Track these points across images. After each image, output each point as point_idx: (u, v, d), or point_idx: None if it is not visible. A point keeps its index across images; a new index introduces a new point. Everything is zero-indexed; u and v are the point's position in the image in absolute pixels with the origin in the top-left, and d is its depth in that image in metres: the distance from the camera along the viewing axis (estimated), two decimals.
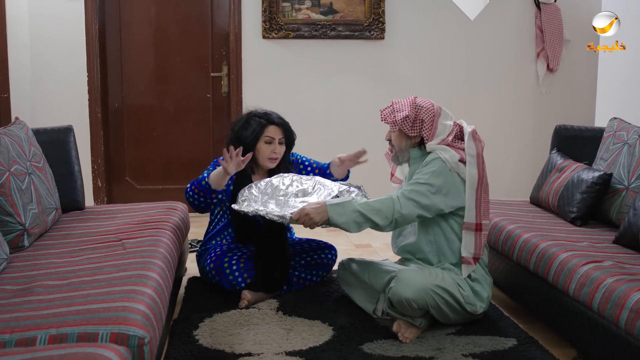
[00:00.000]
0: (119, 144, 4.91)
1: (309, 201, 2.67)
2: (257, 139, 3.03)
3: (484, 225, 2.56)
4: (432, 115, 2.61)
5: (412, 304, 2.44)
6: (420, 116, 2.62)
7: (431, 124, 2.61)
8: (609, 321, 2.10)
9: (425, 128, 2.62)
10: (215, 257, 2.94)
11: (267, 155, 3.04)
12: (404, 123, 2.62)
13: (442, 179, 2.55)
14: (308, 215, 2.54)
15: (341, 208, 2.53)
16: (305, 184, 2.81)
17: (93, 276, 2.12)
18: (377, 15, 4.77)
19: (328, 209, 2.53)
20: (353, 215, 2.52)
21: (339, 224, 2.54)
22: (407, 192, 2.55)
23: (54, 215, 2.84)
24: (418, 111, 2.62)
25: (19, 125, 2.85)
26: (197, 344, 2.44)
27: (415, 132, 2.63)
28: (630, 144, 2.97)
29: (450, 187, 2.56)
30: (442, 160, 2.56)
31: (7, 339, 1.68)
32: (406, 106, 2.64)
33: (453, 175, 2.56)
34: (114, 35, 4.78)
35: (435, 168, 2.56)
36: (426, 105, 2.64)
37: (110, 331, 1.71)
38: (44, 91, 4.62)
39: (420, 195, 2.54)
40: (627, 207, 2.79)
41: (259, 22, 4.73)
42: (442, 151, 2.59)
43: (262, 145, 3.04)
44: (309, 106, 4.85)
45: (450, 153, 2.57)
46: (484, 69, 5.02)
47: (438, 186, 2.54)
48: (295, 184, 2.81)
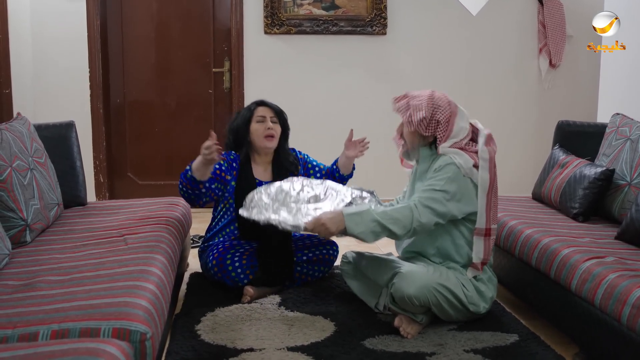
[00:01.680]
0: (120, 139, 4.91)
1: (321, 207, 2.58)
2: (248, 121, 3.05)
3: (492, 230, 2.53)
4: (448, 116, 2.53)
5: (413, 301, 2.43)
6: (436, 117, 2.52)
7: (446, 126, 2.53)
8: (611, 317, 2.10)
9: (440, 129, 2.54)
10: (218, 253, 2.93)
11: (261, 133, 3.04)
12: (420, 125, 2.53)
13: (456, 185, 2.49)
14: (324, 225, 2.43)
15: (359, 217, 2.44)
16: (317, 188, 2.72)
17: (95, 271, 2.12)
18: (379, 11, 4.76)
19: (345, 218, 2.43)
20: (371, 225, 2.43)
21: (355, 234, 2.44)
22: (424, 200, 2.47)
23: (56, 211, 2.84)
24: (435, 111, 2.52)
25: (21, 121, 2.85)
26: (199, 339, 2.45)
27: (430, 132, 2.55)
28: (632, 140, 2.97)
29: (464, 193, 2.51)
30: (456, 166, 2.49)
31: (9, 334, 1.68)
32: (423, 104, 2.53)
33: (466, 181, 2.51)
34: (115, 30, 4.77)
35: (450, 174, 2.49)
36: (443, 104, 2.55)
37: (112, 326, 1.71)
38: (46, 87, 4.62)
39: (436, 202, 2.47)
40: (629, 203, 2.78)
41: (260, 17, 4.72)
42: (455, 155, 2.51)
43: (255, 125, 3.05)
44: (311, 102, 4.84)
45: (465, 158, 2.51)
46: (486, 64, 5.01)
47: (452, 192, 2.48)
48: (306, 189, 2.71)
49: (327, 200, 2.64)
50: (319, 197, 2.63)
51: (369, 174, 4.58)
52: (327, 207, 2.56)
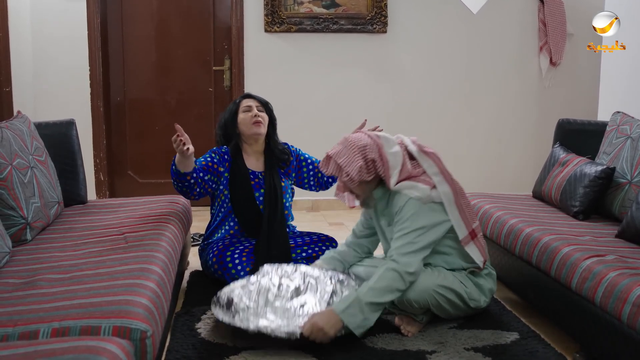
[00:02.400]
0: (121, 137, 4.91)
1: (305, 301, 2.43)
2: (235, 113, 3.13)
3: (476, 229, 2.50)
4: (377, 150, 2.45)
5: (413, 304, 2.44)
6: (369, 157, 2.43)
7: (381, 160, 2.44)
8: (612, 315, 2.10)
9: (378, 167, 2.45)
10: (218, 250, 2.95)
11: (249, 120, 3.10)
12: (360, 175, 2.43)
13: (422, 216, 2.42)
14: (322, 330, 2.28)
15: (352, 309, 2.32)
16: (295, 279, 2.54)
17: (95, 270, 2.12)
18: (379, 9, 4.76)
19: (341, 317, 2.30)
20: (366, 309, 2.32)
21: (357, 325, 2.32)
22: (400, 250, 2.39)
23: (57, 209, 2.84)
24: (364, 153, 2.44)
25: (21, 119, 2.85)
26: (199, 337, 2.45)
27: (372, 175, 2.46)
28: (633, 138, 2.96)
29: (434, 219, 2.45)
30: (414, 200, 2.43)
31: (10, 332, 1.68)
32: (351, 155, 2.44)
33: (430, 206, 2.44)
34: (116, 28, 4.77)
35: (412, 210, 2.42)
36: (366, 142, 2.45)
37: (112, 324, 1.71)
38: (46, 85, 4.62)
39: (413, 244, 2.39)
40: (629, 201, 2.78)
41: (261, 15, 4.72)
42: (410, 190, 2.44)
43: (242, 115, 3.13)
44: (311, 100, 4.84)
45: (419, 187, 2.44)
46: (486, 62, 5.00)
47: (423, 225, 2.41)
48: (285, 282, 2.50)
49: (308, 293, 2.48)
50: (299, 290, 2.48)
51: None
52: (311, 301, 2.43)
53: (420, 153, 2.51)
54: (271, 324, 2.31)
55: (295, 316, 2.36)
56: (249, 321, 2.31)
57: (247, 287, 2.47)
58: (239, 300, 2.41)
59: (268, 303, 2.40)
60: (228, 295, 2.45)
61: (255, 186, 3.10)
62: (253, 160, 3.16)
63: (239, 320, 2.33)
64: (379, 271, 2.39)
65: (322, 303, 2.43)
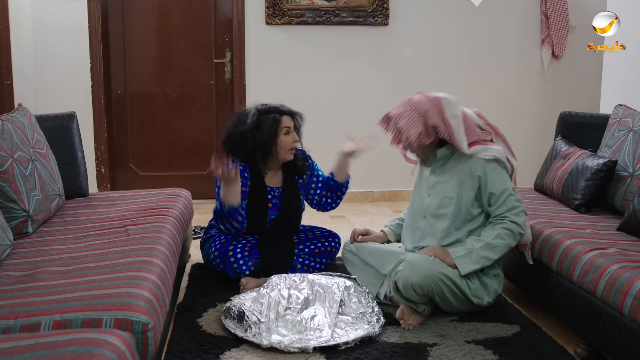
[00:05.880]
0: (122, 130, 4.91)
1: (315, 312, 2.44)
2: (276, 134, 2.90)
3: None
4: (439, 115, 2.48)
5: (417, 289, 2.44)
6: (430, 122, 2.47)
7: (444, 125, 2.48)
8: (613, 308, 2.10)
9: (440, 131, 2.48)
10: (220, 244, 2.94)
11: (289, 146, 2.93)
12: (420, 140, 2.49)
13: (508, 179, 2.58)
14: (442, 255, 2.50)
15: (467, 259, 2.49)
16: (302, 288, 2.54)
17: (97, 262, 2.12)
18: (381, 1, 4.74)
19: (455, 261, 2.48)
20: (480, 261, 2.50)
21: (466, 270, 2.49)
22: (513, 210, 2.52)
23: (58, 202, 2.84)
24: (425, 119, 2.46)
25: (22, 112, 2.85)
26: (200, 330, 2.45)
27: (432, 139, 2.52)
28: (635, 131, 2.96)
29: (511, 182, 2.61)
30: (495, 163, 2.55)
31: (11, 324, 1.69)
32: (411, 120, 2.46)
33: (506, 169, 2.60)
34: (116, 21, 4.76)
35: (501, 173, 2.56)
36: (427, 106, 2.47)
37: (114, 317, 1.72)
38: (47, 78, 4.61)
39: (520, 204, 2.55)
40: (631, 194, 2.78)
41: (262, 8, 4.70)
42: (485, 152, 2.54)
43: (283, 138, 2.91)
44: (313, 92, 4.83)
45: (494, 149, 2.55)
46: (488, 55, 4.99)
47: (513, 187, 2.59)
48: (294, 293, 2.50)
49: (317, 303, 2.49)
50: (309, 300, 2.49)
51: (370, 166, 4.58)
52: (320, 312, 2.44)
53: (477, 114, 2.58)
54: (284, 338, 2.32)
55: (307, 330, 2.37)
56: (262, 336, 2.32)
57: (258, 300, 2.47)
58: (250, 314, 2.41)
59: (279, 316, 2.41)
60: (239, 308, 2.46)
61: (272, 208, 3.00)
62: (271, 174, 3.04)
63: (252, 335, 2.34)
64: (495, 230, 2.51)
65: (331, 313, 2.44)
